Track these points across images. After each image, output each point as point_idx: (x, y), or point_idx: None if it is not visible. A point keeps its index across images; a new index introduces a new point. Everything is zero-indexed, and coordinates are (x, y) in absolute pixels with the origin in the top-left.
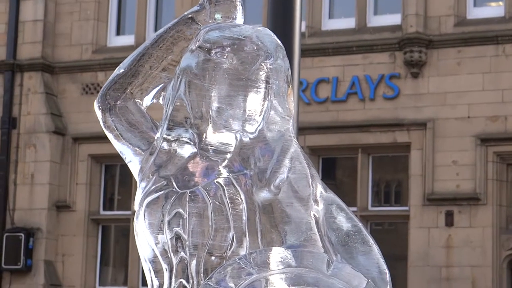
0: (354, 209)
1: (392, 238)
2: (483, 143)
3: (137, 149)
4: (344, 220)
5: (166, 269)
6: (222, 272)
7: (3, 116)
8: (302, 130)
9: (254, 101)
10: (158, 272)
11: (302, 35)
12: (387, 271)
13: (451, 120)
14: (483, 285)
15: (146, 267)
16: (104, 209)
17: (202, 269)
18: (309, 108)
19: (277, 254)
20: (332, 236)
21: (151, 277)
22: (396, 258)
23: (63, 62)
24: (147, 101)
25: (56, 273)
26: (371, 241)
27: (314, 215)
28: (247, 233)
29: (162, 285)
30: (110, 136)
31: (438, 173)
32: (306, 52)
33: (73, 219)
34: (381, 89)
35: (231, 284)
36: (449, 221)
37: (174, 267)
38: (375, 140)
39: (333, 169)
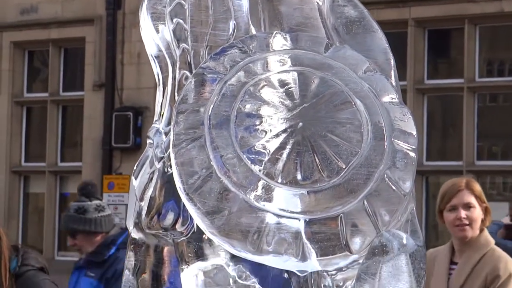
0: (461, 80)
1: (505, 114)
2: None
3: None
4: (351, 8)
5: (170, 63)
6: (218, 59)
7: None
8: (406, 2)
9: None
10: (162, 68)
11: None
12: (391, 56)
13: None
14: None
15: (153, 64)
16: None
17: (202, 61)
18: None
19: (274, 38)
20: (339, 26)
21: (157, 73)
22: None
23: None
24: None
25: None
26: (376, 26)
27: (317, 2)
28: (250, 23)
29: (167, 82)
30: None
31: None
32: None
33: None
34: None
35: (221, 68)
36: None
37: (178, 59)
38: (481, 10)
39: (440, 41)
